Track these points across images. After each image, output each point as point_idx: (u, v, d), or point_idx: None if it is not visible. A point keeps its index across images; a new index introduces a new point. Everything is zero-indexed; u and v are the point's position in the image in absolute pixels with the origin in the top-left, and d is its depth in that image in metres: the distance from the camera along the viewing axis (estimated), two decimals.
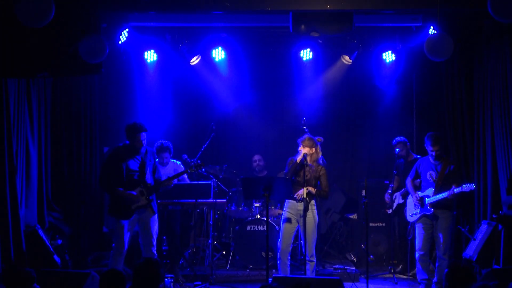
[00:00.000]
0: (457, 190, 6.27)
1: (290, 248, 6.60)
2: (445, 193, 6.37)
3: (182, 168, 7.55)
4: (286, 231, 6.51)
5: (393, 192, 7.74)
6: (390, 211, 7.92)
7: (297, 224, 6.51)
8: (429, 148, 6.60)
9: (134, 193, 6.17)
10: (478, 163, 7.37)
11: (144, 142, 6.25)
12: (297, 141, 6.56)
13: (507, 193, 6.75)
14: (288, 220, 6.50)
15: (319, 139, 6.63)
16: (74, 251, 7.43)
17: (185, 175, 7.47)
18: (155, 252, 6.32)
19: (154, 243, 6.30)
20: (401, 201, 7.68)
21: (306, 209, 6.35)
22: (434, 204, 6.51)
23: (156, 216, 6.36)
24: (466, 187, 6.24)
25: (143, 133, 6.23)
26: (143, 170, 6.29)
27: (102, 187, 6.55)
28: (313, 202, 6.47)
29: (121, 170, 6.20)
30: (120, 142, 6.61)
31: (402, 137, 7.84)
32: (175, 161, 7.63)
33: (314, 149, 6.49)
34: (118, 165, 6.22)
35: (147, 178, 6.33)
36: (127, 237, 6.23)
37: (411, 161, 7.72)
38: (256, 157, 8.60)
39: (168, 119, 8.85)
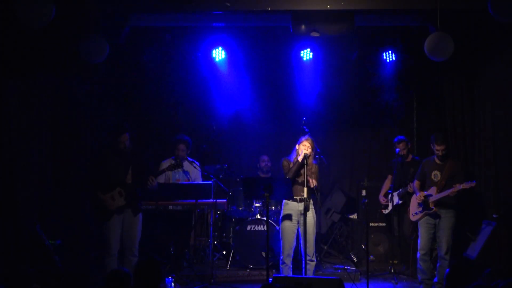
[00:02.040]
0: (458, 187, 6.28)
1: (293, 250, 6.59)
2: (447, 191, 6.38)
3: (194, 169, 7.52)
4: (289, 233, 6.50)
5: (392, 191, 7.75)
6: (386, 211, 7.93)
7: (297, 225, 6.50)
8: (434, 148, 6.60)
9: (112, 194, 6.12)
10: (479, 163, 7.37)
11: (127, 142, 6.21)
12: (298, 141, 6.57)
13: (507, 193, 6.75)
14: (289, 221, 6.49)
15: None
16: (74, 251, 7.41)
17: (199, 174, 7.48)
18: (137, 254, 6.25)
19: (137, 245, 6.24)
20: (398, 201, 7.67)
21: (307, 209, 6.36)
22: (436, 203, 6.51)
23: (138, 218, 6.28)
24: (466, 183, 6.25)
25: (126, 134, 6.19)
26: (124, 170, 6.22)
27: (85, 189, 6.49)
28: (311, 201, 6.47)
29: (102, 171, 6.17)
30: None
31: (403, 136, 7.83)
32: (193, 161, 7.59)
33: (312, 151, 6.52)
34: (99, 167, 6.21)
35: (131, 178, 6.25)
36: (115, 239, 6.15)
37: (408, 162, 7.72)
38: (265, 157, 8.62)
39: (168, 119, 8.85)
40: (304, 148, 6.44)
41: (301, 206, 6.41)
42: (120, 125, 6.25)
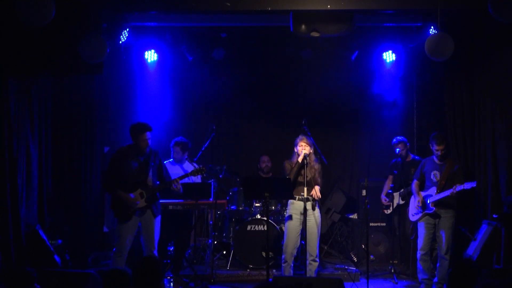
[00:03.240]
0: (458, 187, 6.26)
1: (296, 249, 6.58)
2: (447, 192, 6.37)
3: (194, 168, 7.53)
4: (293, 233, 6.48)
5: (393, 191, 7.75)
6: (388, 211, 7.92)
7: (302, 225, 6.49)
8: (434, 147, 6.59)
9: (133, 195, 6.11)
10: (479, 163, 7.37)
11: (149, 141, 6.22)
12: (295, 142, 6.57)
13: (507, 193, 6.75)
14: (294, 221, 6.48)
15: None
16: (74, 251, 7.42)
17: (199, 175, 7.50)
18: (157, 254, 6.26)
19: (156, 245, 6.24)
20: (400, 202, 7.67)
21: (313, 208, 6.37)
22: (436, 203, 6.50)
23: (158, 219, 6.28)
24: (467, 184, 6.23)
25: (148, 133, 6.19)
26: (145, 171, 6.22)
27: (105, 188, 6.48)
28: (315, 201, 6.47)
29: (123, 171, 6.15)
30: (120, 142, 6.61)
31: (402, 137, 7.84)
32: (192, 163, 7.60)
33: (311, 149, 6.51)
34: (119, 166, 6.17)
35: (151, 180, 6.26)
36: (129, 239, 6.15)
37: (408, 162, 7.72)
38: (265, 158, 8.61)
39: (168, 119, 8.86)
40: (302, 148, 6.45)
41: (307, 205, 6.39)
42: (143, 123, 6.24)
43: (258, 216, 7.59)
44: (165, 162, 7.50)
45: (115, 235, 6.25)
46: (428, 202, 6.56)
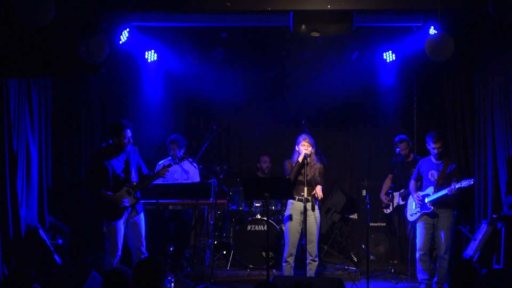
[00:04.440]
0: (456, 186, 6.25)
1: (296, 249, 6.58)
2: (444, 190, 6.36)
3: (193, 168, 7.53)
4: (293, 233, 6.49)
5: (393, 191, 7.75)
6: (387, 211, 7.92)
7: (302, 224, 6.49)
8: (431, 146, 6.58)
9: (120, 194, 6.08)
10: (479, 163, 7.37)
11: (131, 138, 6.20)
12: (297, 141, 6.57)
13: (507, 193, 6.75)
14: (293, 221, 6.49)
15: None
16: (74, 251, 7.42)
17: (198, 173, 7.49)
18: (146, 252, 6.24)
19: (144, 242, 6.22)
20: (401, 202, 7.67)
21: (313, 209, 6.37)
22: (434, 203, 6.50)
23: (142, 216, 6.27)
24: (465, 182, 6.21)
25: (129, 130, 6.19)
26: (128, 169, 6.21)
27: (87, 189, 6.39)
28: (315, 201, 6.48)
29: (107, 171, 6.11)
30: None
31: (405, 136, 7.81)
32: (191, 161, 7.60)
33: (313, 149, 6.52)
34: (102, 166, 6.11)
35: (133, 177, 6.25)
36: (120, 239, 6.10)
37: (410, 161, 7.71)
38: (267, 159, 8.62)
39: (168, 119, 8.85)
40: (303, 148, 6.45)
41: (307, 205, 6.40)
42: (122, 122, 6.25)
43: (258, 216, 7.60)
44: (163, 160, 7.53)
45: (107, 237, 6.12)
46: (426, 201, 6.56)
